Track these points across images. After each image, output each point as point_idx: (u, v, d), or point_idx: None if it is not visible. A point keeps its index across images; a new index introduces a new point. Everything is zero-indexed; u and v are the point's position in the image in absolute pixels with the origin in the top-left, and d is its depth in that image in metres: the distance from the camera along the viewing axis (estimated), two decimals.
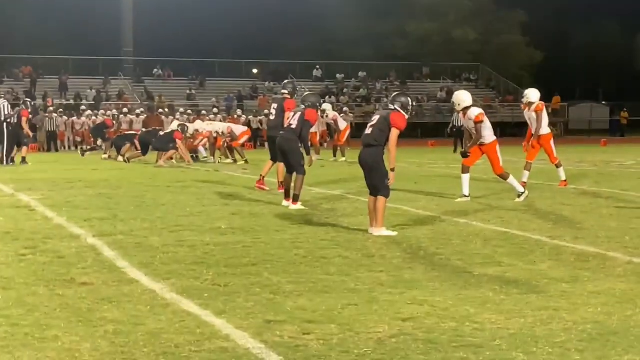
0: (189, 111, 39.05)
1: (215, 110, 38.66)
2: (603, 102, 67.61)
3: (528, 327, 5.58)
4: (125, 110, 39.89)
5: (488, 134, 13.26)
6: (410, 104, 10.00)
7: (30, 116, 25.87)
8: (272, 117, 14.67)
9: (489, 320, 5.75)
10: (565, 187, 15.50)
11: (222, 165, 23.39)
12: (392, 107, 9.89)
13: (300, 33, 66.15)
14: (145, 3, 57.44)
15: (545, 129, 15.11)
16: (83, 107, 40.97)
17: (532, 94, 15.20)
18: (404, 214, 11.52)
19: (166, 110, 41.15)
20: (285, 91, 14.62)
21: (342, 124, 27.47)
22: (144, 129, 30.81)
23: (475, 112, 13.21)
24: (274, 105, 14.66)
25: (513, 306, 6.16)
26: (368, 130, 9.95)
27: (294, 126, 12.61)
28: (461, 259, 8.10)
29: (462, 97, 13.44)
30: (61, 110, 39.83)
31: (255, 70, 57.67)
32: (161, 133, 23.92)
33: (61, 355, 4.92)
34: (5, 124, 23.69)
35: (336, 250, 8.54)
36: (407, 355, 4.94)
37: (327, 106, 27.78)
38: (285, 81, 15.56)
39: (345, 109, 40.55)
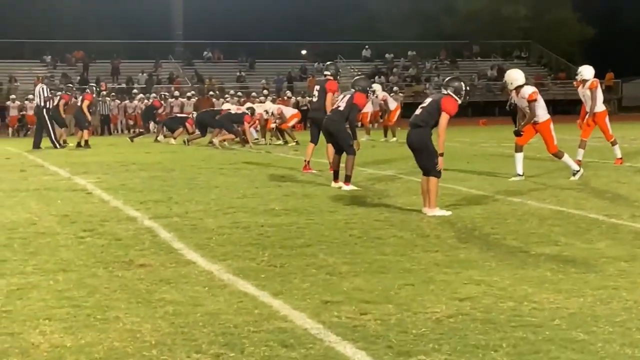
0: (239, 93, 39.20)
1: (265, 92, 38.74)
2: None
3: (587, 307, 5.54)
4: (176, 93, 40.17)
5: (542, 113, 13.11)
6: (464, 89, 9.90)
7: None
8: (314, 99, 14.65)
9: (547, 299, 5.72)
10: (620, 164, 15.30)
11: (273, 147, 23.46)
12: (445, 92, 9.83)
13: (348, 13, 65.88)
14: None
15: (600, 107, 14.90)
16: (135, 91, 41.31)
17: (586, 71, 15.00)
18: (457, 193, 11.47)
19: (217, 92, 41.39)
20: (328, 72, 14.59)
21: (392, 104, 27.37)
22: (195, 112, 31.04)
23: (528, 90, 13.06)
24: (317, 87, 14.65)
25: (571, 285, 6.12)
26: (417, 111, 9.94)
27: (341, 108, 12.57)
28: (517, 238, 8.05)
29: (515, 76, 13.27)
30: (113, 94, 40.24)
31: (304, 52, 57.62)
32: (232, 111, 24.03)
33: (123, 335, 4.99)
34: (45, 109, 23.93)
35: (390, 231, 8.54)
36: (466, 335, 4.93)
37: (376, 86, 27.66)
38: (328, 62, 15.53)
39: (395, 88, 40.38)
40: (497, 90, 51.80)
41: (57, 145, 23.64)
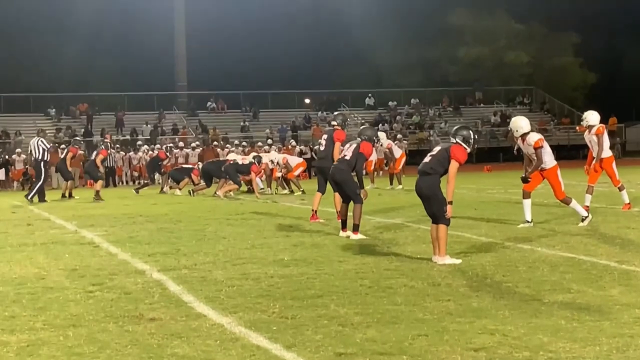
0: (244, 143, 39.34)
1: (269, 141, 38.90)
2: None
3: (604, 356, 5.49)
4: (181, 144, 40.31)
5: (548, 159, 13.12)
6: (472, 137, 9.93)
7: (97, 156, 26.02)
8: (321, 148, 14.69)
9: (563, 348, 5.66)
10: (629, 210, 15.23)
11: (279, 197, 23.45)
12: (454, 140, 9.85)
13: (351, 62, 66.44)
14: (198, 37, 58.21)
15: (607, 152, 14.90)
16: (139, 142, 41.45)
17: (592, 117, 15.01)
18: (466, 241, 11.42)
19: (221, 142, 41.52)
20: (335, 122, 14.64)
21: (397, 152, 27.41)
22: (200, 162, 31.11)
23: (534, 137, 13.08)
24: (324, 136, 14.70)
25: (587, 334, 6.06)
26: (426, 159, 9.95)
27: (347, 157, 12.57)
28: (529, 286, 7.99)
29: (520, 124, 13.29)
30: (118, 145, 40.39)
31: (307, 100, 57.94)
32: (239, 162, 24.09)
33: None
34: (42, 162, 24.00)
35: (401, 280, 8.48)
36: None
37: (381, 134, 27.67)
38: (336, 112, 15.65)
39: (399, 136, 40.51)
40: (501, 136, 51.94)
41: (31, 198, 23.51)
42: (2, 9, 58.00)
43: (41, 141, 24.17)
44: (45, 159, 24.02)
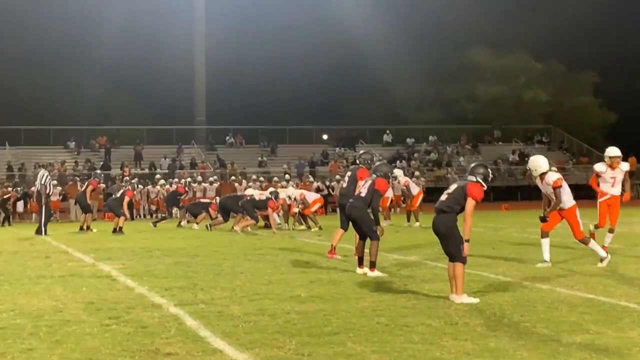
0: (261, 178, 39.42)
1: (287, 176, 38.95)
2: None
3: None
4: (199, 178, 40.44)
5: (567, 199, 13.07)
6: (490, 175, 9.94)
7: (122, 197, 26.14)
8: (344, 185, 14.72)
9: None
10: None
11: (296, 232, 23.44)
12: (473, 179, 9.84)
13: (369, 98, 66.67)
14: (217, 73, 58.58)
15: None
16: (157, 176, 41.61)
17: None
18: (484, 280, 11.36)
19: (239, 177, 41.62)
20: (360, 160, 14.68)
21: (415, 189, 27.39)
22: (217, 197, 31.19)
23: (553, 177, 13.04)
24: (348, 173, 14.73)
25: None
26: (443, 197, 9.93)
27: (363, 194, 12.58)
28: (547, 326, 7.92)
29: (539, 163, 13.24)
30: (136, 179, 40.53)
31: (325, 136, 58.08)
32: (256, 197, 24.12)
33: None
34: (41, 195, 24.33)
35: (418, 318, 8.43)
36: None
37: (398, 172, 27.66)
38: (362, 151, 15.70)
39: (416, 173, 40.48)
40: (519, 174, 51.84)
41: (44, 232, 23.74)
42: (23, 43, 58.65)
43: (45, 175, 24.65)
44: (47, 192, 24.42)
